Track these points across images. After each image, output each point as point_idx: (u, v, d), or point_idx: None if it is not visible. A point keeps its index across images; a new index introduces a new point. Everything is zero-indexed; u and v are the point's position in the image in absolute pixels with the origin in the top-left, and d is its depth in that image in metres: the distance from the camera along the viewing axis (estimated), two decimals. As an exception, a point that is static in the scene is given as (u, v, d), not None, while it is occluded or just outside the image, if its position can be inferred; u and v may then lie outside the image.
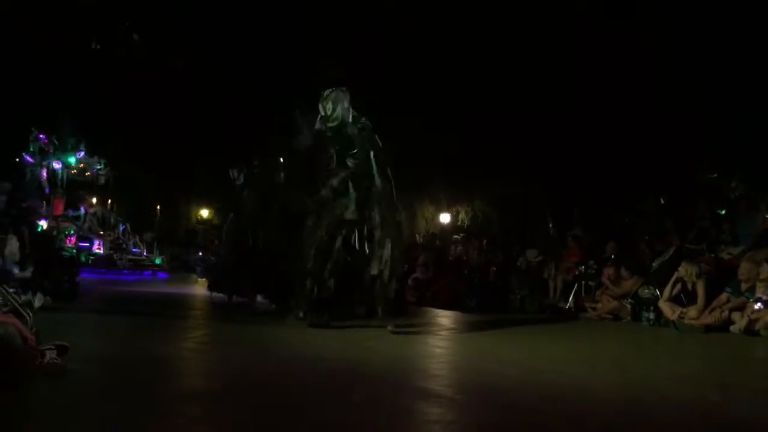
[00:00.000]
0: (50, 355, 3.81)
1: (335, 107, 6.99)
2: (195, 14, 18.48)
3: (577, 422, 3.31)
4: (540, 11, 15.90)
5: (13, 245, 8.43)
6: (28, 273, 8.23)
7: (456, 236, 16.70)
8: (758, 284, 7.93)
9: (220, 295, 9.68)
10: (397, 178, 7.22)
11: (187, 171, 24.39)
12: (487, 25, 16.66)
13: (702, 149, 14.27)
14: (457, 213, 21.58)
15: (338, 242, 6.84)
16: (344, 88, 7.13)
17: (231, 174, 9.94)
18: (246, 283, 9.26)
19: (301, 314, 6.91)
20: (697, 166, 14.38)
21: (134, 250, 21.28)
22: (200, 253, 22.93)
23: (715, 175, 13.85)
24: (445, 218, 21.64)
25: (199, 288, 12.88)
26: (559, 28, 15.77)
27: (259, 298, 9.32)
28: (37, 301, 6.77)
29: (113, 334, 6.20)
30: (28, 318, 4.07)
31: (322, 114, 7.06)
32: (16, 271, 8.10)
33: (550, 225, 15.93)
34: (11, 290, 4.45)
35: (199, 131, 21.80)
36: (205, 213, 30.04)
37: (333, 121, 7.02)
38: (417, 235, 18.27)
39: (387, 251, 6.72)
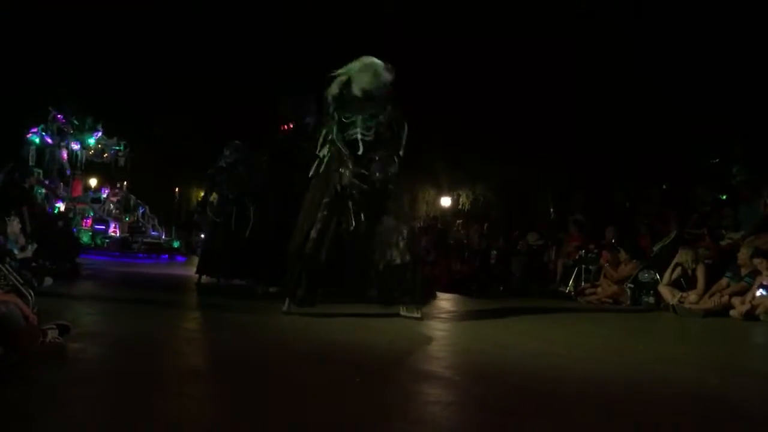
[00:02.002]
0: (52, 334, 3.82)
1: (377, 77, 6.39)
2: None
3: (577, 404, 3.32)
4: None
5: (14, 226, 8.44)
6: (29, 252, 8.25)
7: (458, 220, 16.72)
8: (765, 272, 7.93)
9: (210, 278, 9.68)
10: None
11: (190, 152, 24.26)
12: (490, 8, 16.57)
13: (704, 135, 14.23)
14: (458, 196, 21.58)
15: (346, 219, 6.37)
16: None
17: (224, 152, 9.84)
18: (230, 265, 9.28)
19: (285, 305, 6.40)
20: (698, 151, 14.35)
21: (153, 233, 21.03)
22: (202, 236, 22.84)
23: (717, 160, 13.82)
24: (446, 201, 21.64)
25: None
26: (563, 14, 15.70)
27: (239, 280, 9.37)
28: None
29: (115, 315, 6.22)
30: (29, 297, 4.08)
31: (361, 82, 6.36)
32: (16, 251, 8.12)
33: (551, 209, 15.94)
34: (12, 269, 4.46)
35: (206, 114, 21.65)
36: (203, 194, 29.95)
37: (370, 92, 6.39)
38: (418, 219, 18.29)
39: (405, 236, 6.40)
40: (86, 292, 8.17)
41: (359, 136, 6.46)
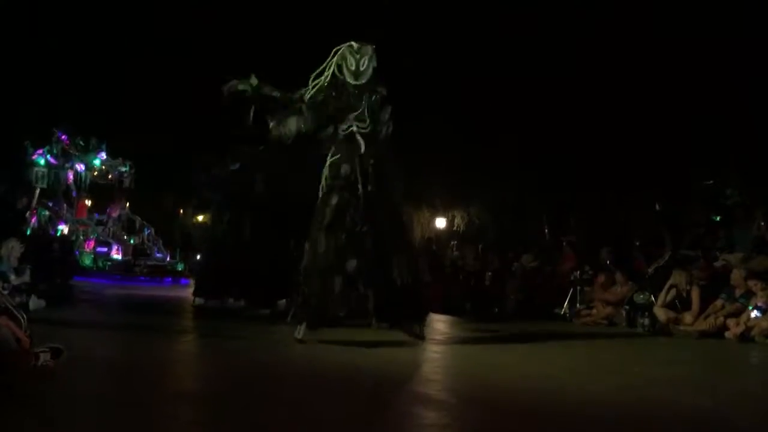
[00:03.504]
0: (44, 357, 3.79)
1: (369, 65, 6.16)
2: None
3: (572, 426, 3.31)
4: (537, 14, 15.94)
5: (14, 249, 8.28)
6: (26, 278, 8.14)
7: (453, 242, 16.72)
8: (759, 294, 7.93)
9: (204, 300, 9.60)
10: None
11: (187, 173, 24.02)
12: (482, 27, 16.70)
13: (698, 156, 14.31)
14: (453, 218, 21.59)
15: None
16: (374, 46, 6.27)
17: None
18: (227, 286, 9.22)
19: (299, 331, 6.01)
20: (692, 173, 14.42)
21: (158, 255, 20.87)
22: (198, 257, 22.67)
23: (711, 182, 13.88)
24: (440, 223, 21.64)
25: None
26: (555, 35, 15.83)
27: (232, 301, 9.32)
28: (32, 304, 6.78)
29: (108, 338, 6.18)
30: (22, 320, 4.05)
31: (352, 67, 6.12)
32: (12, 276, 8.00)
33: (546, 230, 15.96)
34: (5, 292, 4.43)
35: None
36: (200, 217, 29.91)
37: (361, 79, 6.14)
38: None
39: (406, 255, 6.24)
40: (80, 315, 8.11)
41: (355, 129, 6.23)
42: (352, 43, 6.19)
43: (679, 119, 14.45)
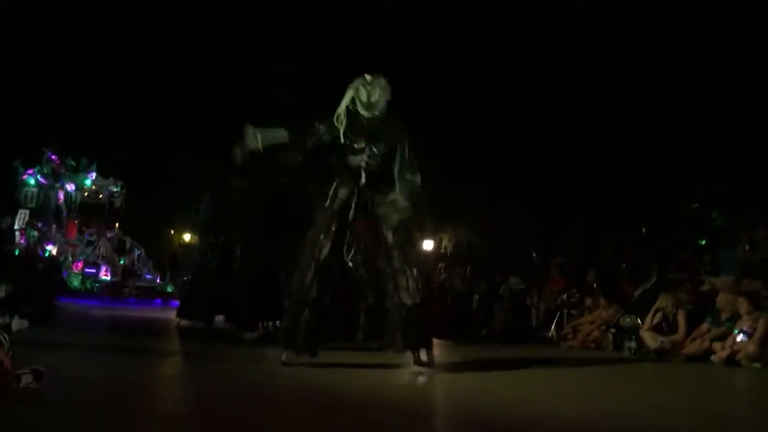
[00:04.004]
0: (26, 379, 3.74)
1: (382, 97, 5.82)
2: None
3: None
4: (526, 46, 16.10)
5: None
6: (2, 293, 8.08)
7: (440, 264, 16.71)
8: (745, 317, 7.98)
9: (190, 322, 9.49)
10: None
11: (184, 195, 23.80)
12: (472, 50, 16.85)
13: (683, 179, 14.45)
14: (441, 240, 21.59)
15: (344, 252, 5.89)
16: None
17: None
18: (214, 308, 9.15)
19: (284, 355, 5.87)
20: (678, 195, 14.54)
21: (147, 276, 20.68)
22: (185, 278, 22.49)
23: (696, 205, 14.00)
24: (428, 245, 21.63)
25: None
26: (542, 63, 16.00)
27: (219, 322, 9.25)
28: (15, 325, 6.68)
29: (91, 359, 6.10)
30: (3, 341, 4.00)
31: (364, 99, 5.79)
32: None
33: (533, 253, 16.00)
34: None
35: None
36: (187, 237, 29.72)
37: (373, 111, 5.82)
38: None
39: (414, 275, 5.95)
40: (65, 337, 8.00)
41: (363, 164, 5.97)
42: (366, 75, 5.92)
43: (665, 142, 14.61)
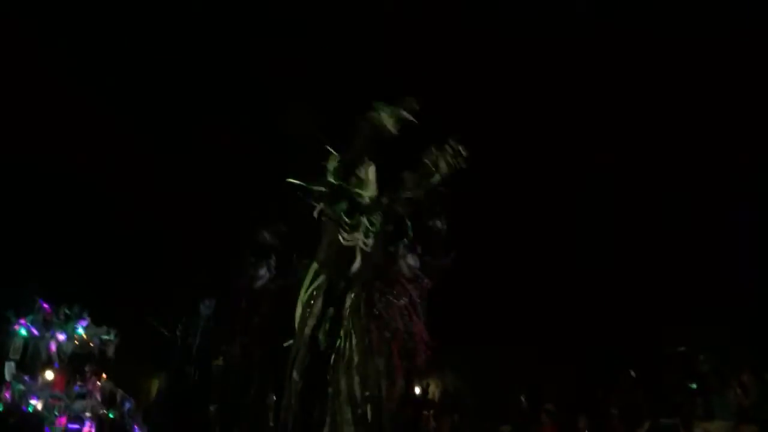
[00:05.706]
0: None
1: (373, 178, 5.61)
2: None
3: None
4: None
5: None
6: None
7: (426, 411, 16.23)
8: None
9: None
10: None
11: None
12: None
13: (668, 321, 14.44)
14: (427, 386, 21.10)
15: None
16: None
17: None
18: None
19: None
20: (664, 338, 14.45)
21: (137, 430, 19.78)
22: None
23: (683, 348, 13.88)
24: (415, 392, 21.08)
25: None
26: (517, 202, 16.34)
27: None
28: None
29: None
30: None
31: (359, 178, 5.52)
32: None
33: (523, 399, 15.64)
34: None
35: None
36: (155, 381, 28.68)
37: (367, 191, 5.55)
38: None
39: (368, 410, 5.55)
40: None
41: (360, 244, 5.49)
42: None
43: (648, 283, 14.72)
